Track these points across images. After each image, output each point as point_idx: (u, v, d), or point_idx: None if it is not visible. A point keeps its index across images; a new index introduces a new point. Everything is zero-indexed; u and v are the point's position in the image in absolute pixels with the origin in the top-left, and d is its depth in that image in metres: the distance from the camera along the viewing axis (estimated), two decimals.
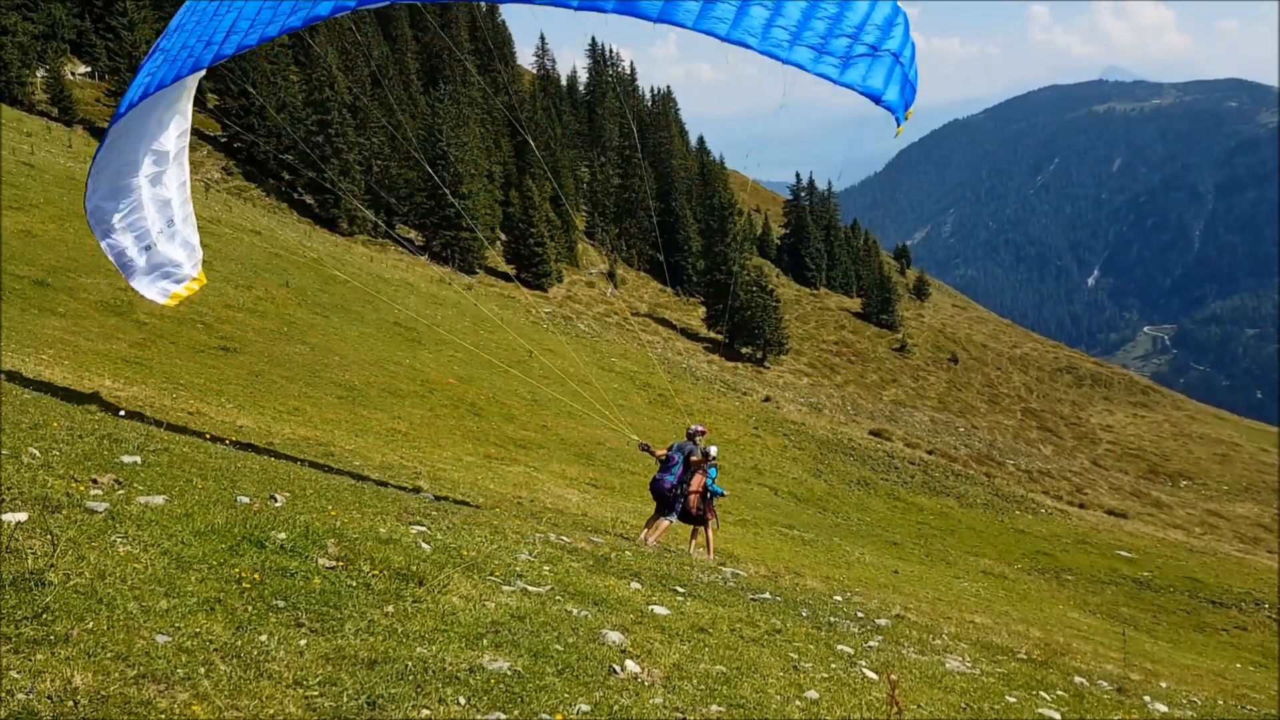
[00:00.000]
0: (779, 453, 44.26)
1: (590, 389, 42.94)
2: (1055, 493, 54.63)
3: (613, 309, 70.14)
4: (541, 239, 66.66)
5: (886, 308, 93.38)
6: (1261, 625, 32.53)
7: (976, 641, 10.63)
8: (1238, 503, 67.82)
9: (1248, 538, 57.31)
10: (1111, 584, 35.09)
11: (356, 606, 5.63)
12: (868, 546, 30.14)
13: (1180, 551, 43.85)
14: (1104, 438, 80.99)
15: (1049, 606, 28.23)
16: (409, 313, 41.25)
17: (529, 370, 40.70)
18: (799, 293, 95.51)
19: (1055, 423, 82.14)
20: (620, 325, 66.24)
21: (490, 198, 70.41)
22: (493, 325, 47.42)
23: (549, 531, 11.12)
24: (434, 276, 56.32)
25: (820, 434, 49.87)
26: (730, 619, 7.72)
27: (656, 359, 57.35)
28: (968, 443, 65.22)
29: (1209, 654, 26.86)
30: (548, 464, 26.48)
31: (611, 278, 76.02)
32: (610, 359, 51.88)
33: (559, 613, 6.46)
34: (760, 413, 51.31)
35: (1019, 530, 41.96)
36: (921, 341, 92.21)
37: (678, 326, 73.00)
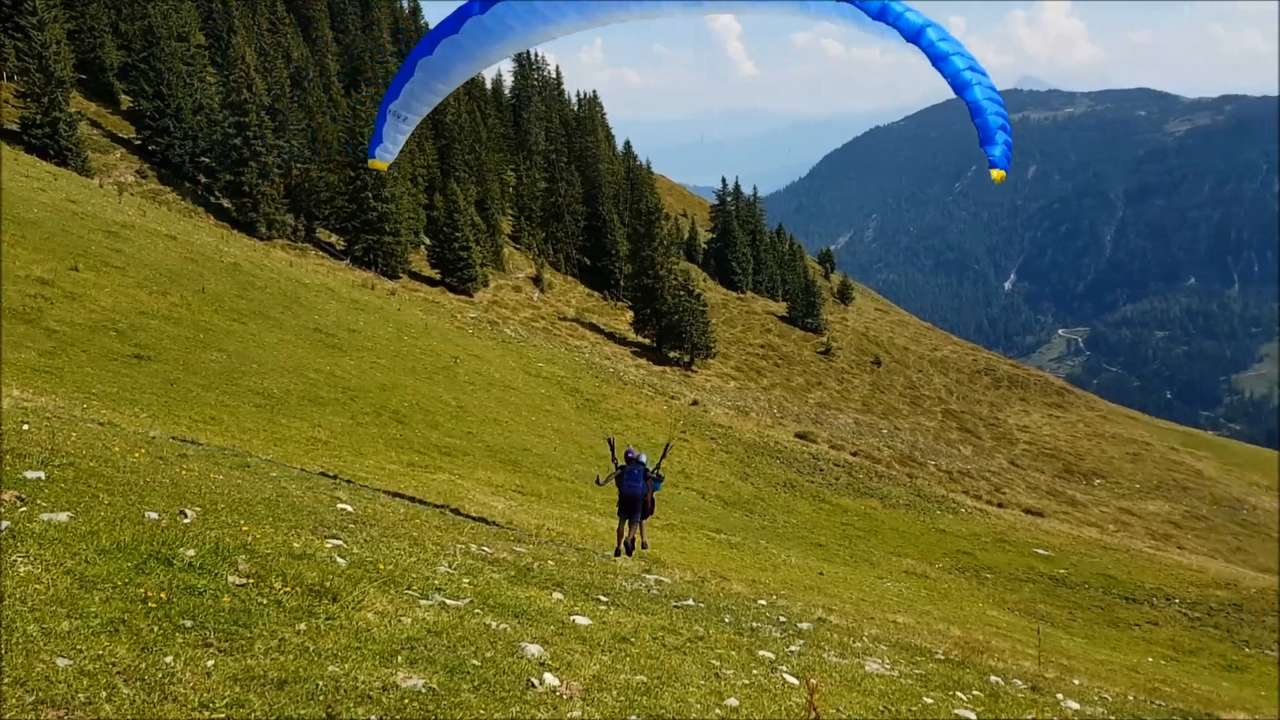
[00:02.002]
0: (706, 456, 44.46)
1: (517, 394, 42.72)
2: (975, 492, 55.73)
3: (540, 313, 69.84)
4: (467, 243, 66.10)
5: (811, 312, 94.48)
6: (1172, 620, 33.53)
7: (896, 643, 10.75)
8: (1149, 500, 69.89)
9: (1159, 534, 59.11)
10: (1029, 581, 35.87)
11: (267, 625, 5.49)
12: (794, 549, 30.39)
13: (1095, 549, 45.00)
14: (1021, 438, 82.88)
15: (969, 605, 28.76)
16: (330, 319, 40.60)
17: (454, 376, 40.34)
18: (726, 297, 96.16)
19: (974, 423, 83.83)
20: (547, 330, 65.98)
21: (414, 201, 69.65)
22: (417, 331, 46.90)
23: (470, 542, 10.98)
24: (356, 281, 55.53)
25: (747, 437, 50.20)
26: (653, 627, 7.70)
27: (584, 363, 57.23)
28: (890, 444, 66.21)
29: (1122, 649, 27.62)
30: (473, 471, 26.23)
31: (538, 282, 75.69)
32: (537, 364, 51.64)
33: (477, 626, 6.37)
34: (688, 416, 51.50)
35: (940, 530, 42.69)
36: (846, 345, 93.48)
37: (605, 331, 72.98)
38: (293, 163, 61.41)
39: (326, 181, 63.05)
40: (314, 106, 65.51)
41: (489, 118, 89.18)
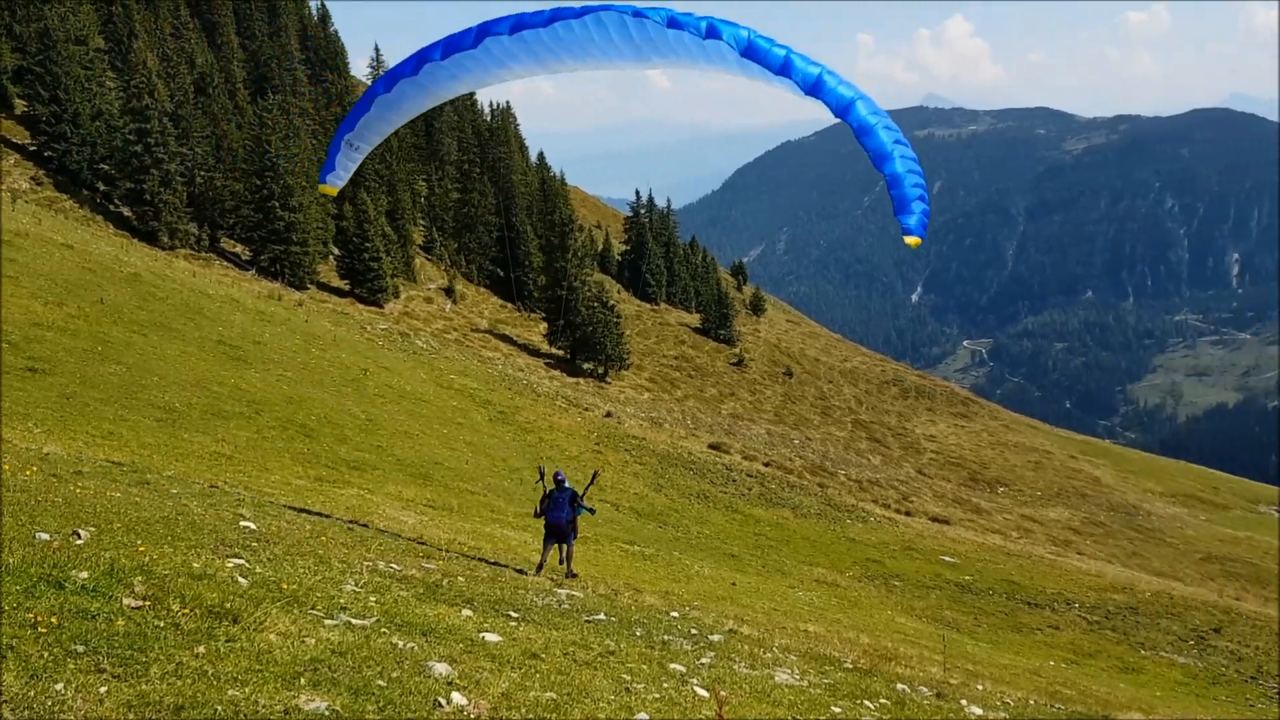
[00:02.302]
0: (620, 468, 44.49)
1: (428, 407, 42.24)
2: (884, 501, 56.73)
3: (452, 325, 69.17)
4: (377, 253, 65.19)
5: (724, 323, 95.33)
6: (1072, 624, 34.55)
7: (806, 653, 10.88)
8: (1050, 507, 71.97)
9: (1059, 540, 60.88)
10: (936, 588, 36.63)
11: (164, 648, 5.33)
12: (707, 559, 30.56)
13: (998, 555, 46.16)
14: (928, 447, 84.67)
15: (878, 612, 29.24)
16: (235, 330, 39.67)
17: (363, 389, 39.72)
18: (640, 308, 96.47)
19: (883, 433, 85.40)
20: (460, 341, 65.38)
21: (322, 211, 68.46)
22: (325, 343, 46.08)
23: (379, 559, 10.81)
24: (262, 292, 54.35)
25: (661, 448, 50.39)
26: (563, 642, 7.66)
27: (497, 375, 56.85)
28: (802, 454, 67.07)
29: (1025, 653, 28.35)
30: (383, 485, 25.82)
31: (450, 293, 75.00)
32: (449, 376, 51.14)
33: (384, 646, 6.27)
34: (602, 428, 51.48)
35: (850, 539, 43.37)
36: (758, 356, 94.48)
37: (519, 342, 72.62)
38: (196, 171, 59.88)
39: (232, 190, 61.61)
40: (219, 113, 64.00)
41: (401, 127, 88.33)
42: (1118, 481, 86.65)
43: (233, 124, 64.85)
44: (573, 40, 11.09)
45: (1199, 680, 29.55)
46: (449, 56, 11.64)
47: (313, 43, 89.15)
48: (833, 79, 10.74)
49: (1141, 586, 43.37)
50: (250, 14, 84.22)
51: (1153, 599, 40.00)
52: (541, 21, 10.98)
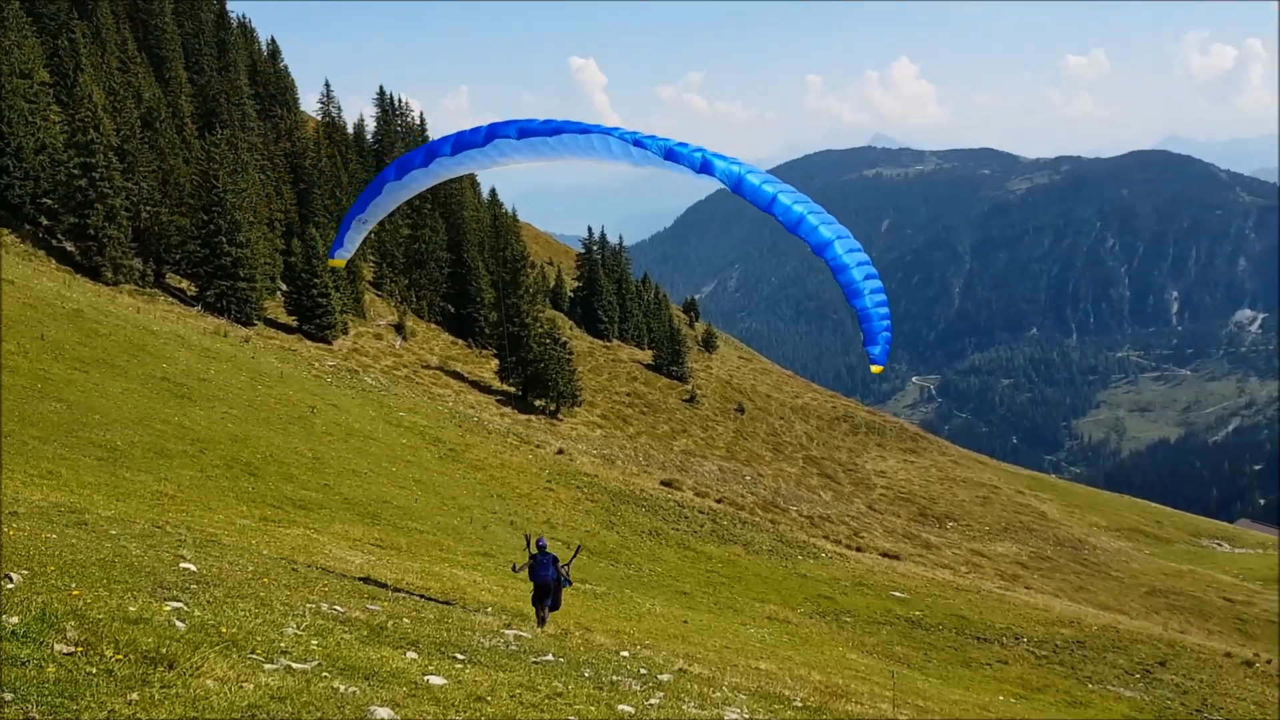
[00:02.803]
0: (572, 505, 44.24)
1: (377, 444, 41.77)
2: (835, 537, 56.94)
3: (402, 362, 68.64)
4: (326, 290, 64.61)
5: (677, 359, 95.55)
6: (1021, 659, 34.78)
7: (756, 691, 10.83)
8: (998, 542, 72.68)
9: (1007, 575, 61.44)
10: (887, 624, 36.74)
11: (96, 696, 5.19)
12: (659, 597, 30.42)
13: (948, 590, 46.44)
14: (878, 483, 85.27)
15: (829, 649, 29.26)
16: (179, 367, 39.05)
17: (311, 427, 39.22)
18: (592, 345, 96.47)
19: (834, 469, 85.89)
20: (410, 378, 64.86)
21: (270, 246, 67.81)
22: (272, 380, 45.49)
23: (322, 601, 10.61)
24: (208, 329, 53.61)
25: (613, 485, 50.20)
26: (510, 685, 7.56)
27: (448, 412, 56.42)
28: (754, 490, 67.20)
29: (975, 688, 28.49)
30: (329, 525, 25.45)
31: (400, 330, 74.47)
32: (399, 413, 50.66)
33: (324, 690, 6.14)
34: (554, 465, 51.21)
35: (802, 575, 43.41)
36: (710, 392, 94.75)
37: (470, 379, 72.20)
38: (142, 205, 59.08)
39: (178, 225, 60.84)
40: (166, 148, 63.32)
41: (350, 162, 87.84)
42: (1064, 516, 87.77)
43: (180, 159, 64.19)
44: (572, 146, 12.61)
45: (1145, 714, 29.88)
46: (459, 153, 13.07)
47: (262, 78, 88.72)
48: (814, 218, 12.23)
49: (1088, 620, 43.82)
50: (199, 49, 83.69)
51: (1099, 633, 40.42)
52: (548, 131, 12.48)
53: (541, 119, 12.92)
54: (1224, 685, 34.83)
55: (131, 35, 77.94)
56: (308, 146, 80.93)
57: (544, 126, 12.59)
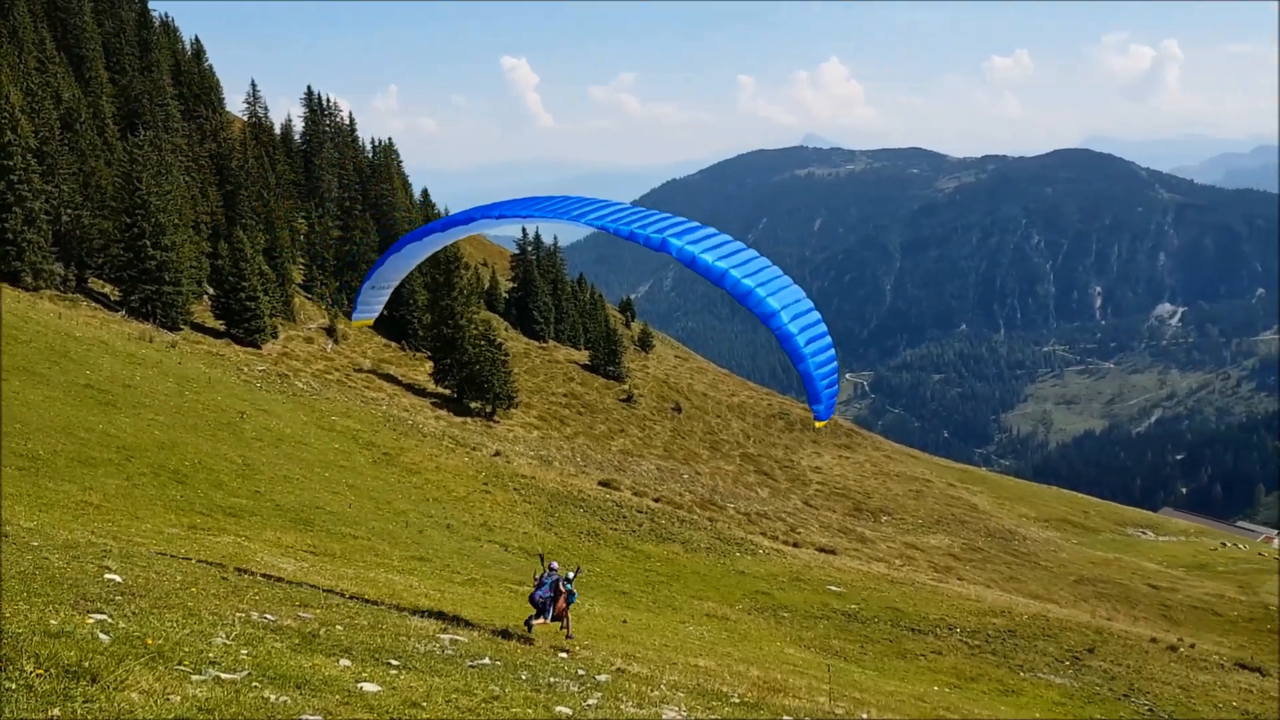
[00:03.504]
0: (509, 508, 43.98)
1: (309, 450, 41.14)
2: (772, 533, 57.36)
3: (334, 365, 67.67)
4: (254, 293, 63.41)
5: (613, 360, 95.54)
6: (954, 649, 35.35)
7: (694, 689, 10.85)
8: (931, 534, 73.83)
9: (940, 567, 62.43)
10: (824, 618, 37.09)
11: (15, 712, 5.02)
12: (597, 597, 30.36)
13: (883, 583, 47.04)
14: (814, 479, 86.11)
15: (768, 644, 29.45)
16: (103, 374, 38.08)
17: (240, 432, 38.49)
18: (528, 346, 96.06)
19: (771, 466, 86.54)
20: (342, 382, 63.99)
21: (196, 250, 66.38)
22: (199, 385, 44.58)
23: (252, 609, 10.40)
24: (132, 334, 52.33)
25: (550, 487, 50.01)
26: (446, 690, 7.47)
27: (381, 416, 55.75)
28: (692, 489, 67.45)
29: (910, 679, 28.88)
30: (261, 532, 24.98)
31: (332, 333, 73.41)
32: (331, 418, 49.94)
33: (254, 700, 6.01)
34: (490, 468, 50.87)
35: (740, 571, 43.65)
36: (647, 392, 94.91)
37: (404, 382, 71.42)
38: (63, 209, 57.49)
39: (100, 229, 59.29)
40: (87, 150, 61.69)
41: (278, 163, 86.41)
42: (994, 508, 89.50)
43: (101, 161, 62.57)
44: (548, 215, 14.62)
45: (1075, 700, 30.53)
46: (448, 229, 15.22)
47: (186, 78, 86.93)
48: (763, 290, 13.07)
49: (1019, 610, 44.69)
50: (120, 48, 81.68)
51: (1030, 622, 41.24)
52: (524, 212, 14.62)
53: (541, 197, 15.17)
54: (1150, 670, 35.78)
55: (50, 34, 75.81)
56: (234, 147, 79.41)
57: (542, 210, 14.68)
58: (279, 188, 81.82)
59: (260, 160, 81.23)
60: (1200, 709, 31.51)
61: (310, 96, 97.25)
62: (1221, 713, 31.49)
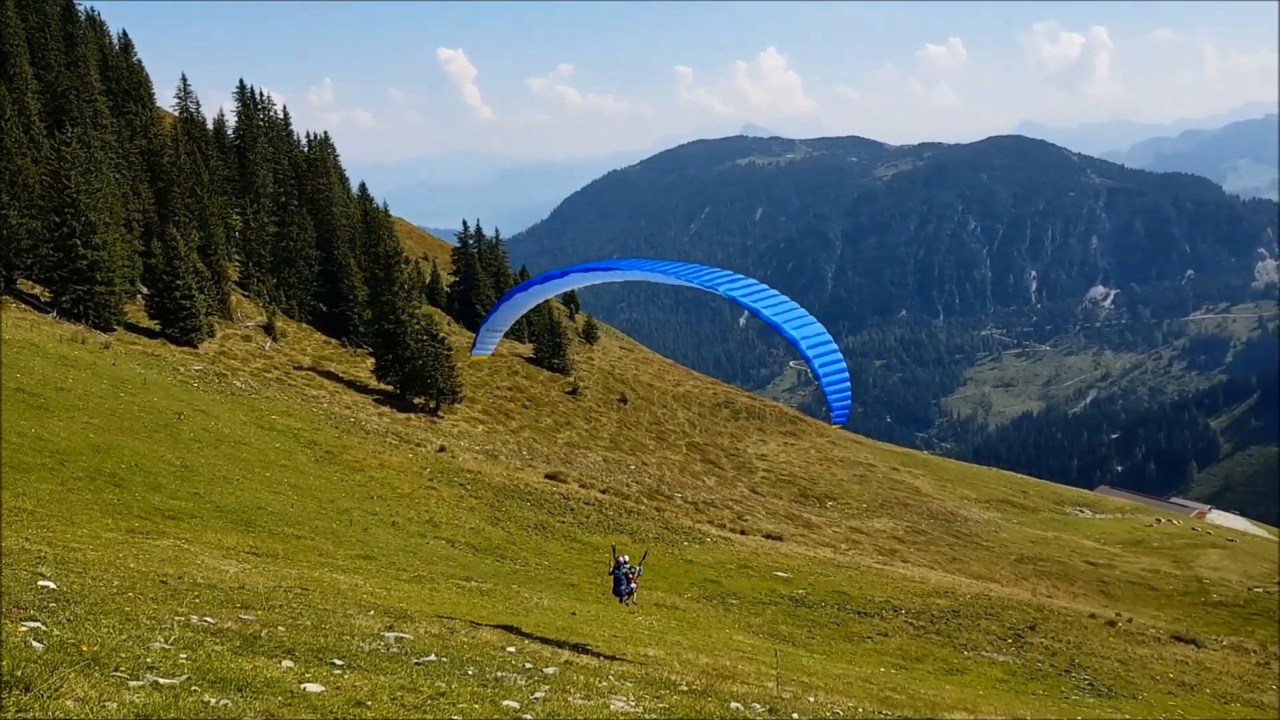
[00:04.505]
0: (455, 503, 43.70)
1: (249, 450, 40.52)
2: (719, 521, 57.69)
3: (273, 363, 66.68)
4: (189, 291, 62.23)
5: (558, 352, 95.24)
6: (900, 630, 35.84)
7: (643, 678, 10.88)
8: (875, 518, 74.78)
9: (885, 550, 63.27)
10: (771, 604, 37.39)
11: None
12: (546, 591, 30.31)
13: (829, 568, 47.55)
14: (760, 466, 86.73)
15: (717, 632, 29.62)
16: (34, 377, 37.14)
17: (178, 434, 37.80)
18: (471, 340, 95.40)
19: (717, 455, 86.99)
20: (282, 380, 63.09)
21: (129, 248, 64.94)
22: (135, 387, 43.67)
23: (192, 613, 10.23)
24: (64, 335, 51.08)
25: (497, 481, 49.78)
26: (391, 688, 7.41)
27: (323, 414, 55.07)
28: (639, 479, 67.58)
29: (857, 661, 29.24)
30: (201, 534, 24.56)
31: (270, 331, 72.31)
32: (271, 417, 49.22)
33: (194, 705, 5.91)
34: (435, 463, 50.47)
35: (688, 560, 43.83)
36: (592, 384, 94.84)
37: (345, 379, 70.60)
38: None
39: (28, 228, 57.74)
40: (12, 148, 59.97)
41: (211, 159, 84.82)
42: (936, 490, 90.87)
43: (28, 158, 60.90)
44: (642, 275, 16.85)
45: (1018, 677, 31.13)
46: (547, 283, 17.73)
47: (114, 73, 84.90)
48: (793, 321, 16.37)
49: (962, 590, 45.45)
50: (45, 43, 79.47)
51: (973, 601, 41.96)
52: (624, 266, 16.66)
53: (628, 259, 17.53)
54: (1090, 645, 36.58)
55: None
56: (165, 143, 77.77)
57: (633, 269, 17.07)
58: (212, 184, 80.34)
59: (193, 156, 79.66)
60: (1138, 681, 32.31)
61: (243, 90, 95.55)
62: (1159, 684, 32.31)
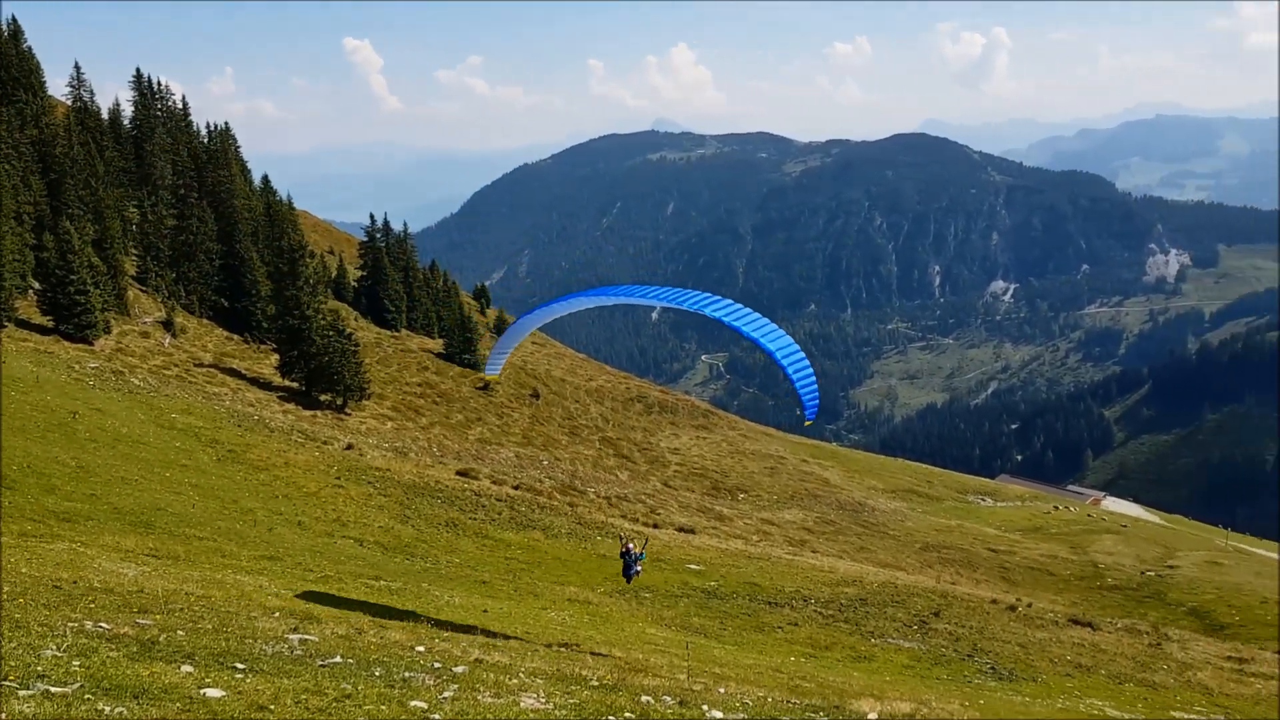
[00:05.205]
0: (363, 502, 43.02)
1: (148, 449, 39.35)
2: (632, 515, 57.84)
3: (173, 360, 64.78)
4: (84, 286, 60.05)
5: (469, 347, 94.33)
6: (809, 619, 36.39)
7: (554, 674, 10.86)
8: (786, 510, 75.82)
9: (795, 540, 64.21)
10: (684, 596, 37.63)
11: None
12: (457, 588, 30.04)
13: (741, 560, 48.05)
14: (672, 460, 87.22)
15: (630, 625, 29.72)
16: None
17: (73, 433, 36.53)
18: (379, 335, 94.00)
19: (630, 449, 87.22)
20: (182, 378, 61.34)
21: (19, 242, 62.35)
22: (26, 385, 42.04)
23: (86, 619, 9.88)
24: None
25: (406, 479, 49.13)
26: (295, 691, 7.25)
27: (225, 412, 53.70)
28: (551, 475, 67.39)
29: (768, 651, 29.61)
30: (98, 537, 23.78)
31: (169, 326, 70.17)
32: (171, 415, 47.83)
33: (87, 713, 5.72)
34: (342, 461, 49.61)
35: (601, 555, 43.84)
36: (504, 379, 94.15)
37: (248, 376, 68.90)
38: None
39: None
40: None
41: (106, 150, 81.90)
42: (845, 481, 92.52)
43: None
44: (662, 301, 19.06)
45: (923, 662, 31.87)
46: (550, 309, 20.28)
47: (3, 60, 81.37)
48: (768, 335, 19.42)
49: (870, 578, 46.35)
50: None
51: (880, 589, 42.83)
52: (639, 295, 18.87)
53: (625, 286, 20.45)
54: (991, 630, 37.64)
55: None
56: (58, 133, 74.81)
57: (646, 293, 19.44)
58: (108, 175, 77.62)
59: (87, 146, 76.80)
60: (1037, 664, 33.34)
61: (140, 79, 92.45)
62: (1057, 667, 33.40)
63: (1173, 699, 31.04)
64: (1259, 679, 35.75)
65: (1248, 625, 52.90)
